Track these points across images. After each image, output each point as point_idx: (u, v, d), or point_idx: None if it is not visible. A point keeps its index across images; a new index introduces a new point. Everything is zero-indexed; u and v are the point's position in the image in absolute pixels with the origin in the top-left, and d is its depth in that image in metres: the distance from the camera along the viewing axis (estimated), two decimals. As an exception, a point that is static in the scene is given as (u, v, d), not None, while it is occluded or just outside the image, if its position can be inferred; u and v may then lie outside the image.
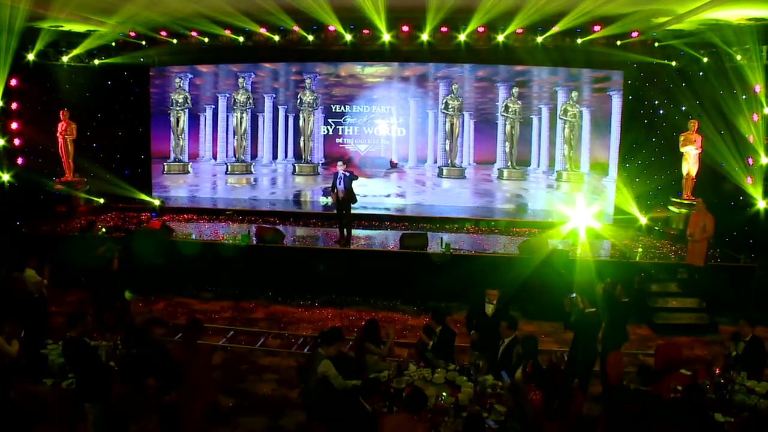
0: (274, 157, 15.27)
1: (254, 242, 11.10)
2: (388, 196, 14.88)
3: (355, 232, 12.06)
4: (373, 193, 14.63)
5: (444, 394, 5.50)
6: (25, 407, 4.84)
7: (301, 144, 15.11)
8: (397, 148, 14.84)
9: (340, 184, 11.14)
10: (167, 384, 5.23)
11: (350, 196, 11.22)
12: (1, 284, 9.08)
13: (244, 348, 8.56)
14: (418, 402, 4.89)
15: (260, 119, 15.24)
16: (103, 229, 11.93)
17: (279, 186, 15.39)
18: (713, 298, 9.95)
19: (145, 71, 15.32)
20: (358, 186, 11.49)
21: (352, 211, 11.78)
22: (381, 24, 12.18)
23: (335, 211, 11.77)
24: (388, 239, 11.79)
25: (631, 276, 9.65)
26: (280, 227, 12.09)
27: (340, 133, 14.96)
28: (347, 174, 11.21)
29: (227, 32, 13.37)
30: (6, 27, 11.46)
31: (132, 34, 13.75)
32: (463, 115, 14.62)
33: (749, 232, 11.19)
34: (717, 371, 6.27)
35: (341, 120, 14.91)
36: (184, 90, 15.36)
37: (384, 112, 14.79)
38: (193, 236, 11.96)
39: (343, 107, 14.88)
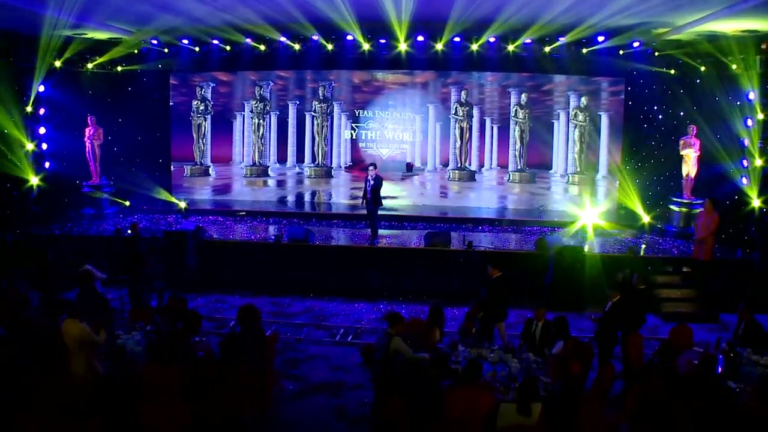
0: (299, 160, 15.90)
1: (285, 241, 11.74)
2: (407, 197, 15.53)
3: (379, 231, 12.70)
4: (390, 195, 15.27)
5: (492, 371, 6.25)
6: (132, 386, 5.40)
7: (315, 148, 15.79)
8: (415, 152, 15.52)
9: (368, 187, 11.87)
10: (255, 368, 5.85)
11: (374, 199, 11.95)
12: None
13: (290, 338, 9.17)
14: (475, 371, 5.59)
15: (289, 124, 15.84)
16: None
17: (294, 188, 16.02)
18: (715, 289, 10.70)
19: (164, 78, 15.81)
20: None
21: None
22: (401, 34, 12.88)
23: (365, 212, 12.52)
24: (410, 238, 12.51)
25: (640, 269, 10.43)
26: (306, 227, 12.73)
27: (363, 137, 15.66)
28: (372, 178, 11.94)
29: (248, 41, 13.93)
30: (47, 39, 12.02)
31: (154, 42, 14.26)
32: (484, 120, 15.32)
33: (744, 229, 12.05)
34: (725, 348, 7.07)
35: (363, 125, 15.58)
36: (206, 98, 15.93)
37: (403, 117, 15.48)
38: (215, 236, 12.52)
39: (364, 112, 15.55)
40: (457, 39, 13.35)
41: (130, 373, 5.56)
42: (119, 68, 15.28)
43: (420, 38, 13.35)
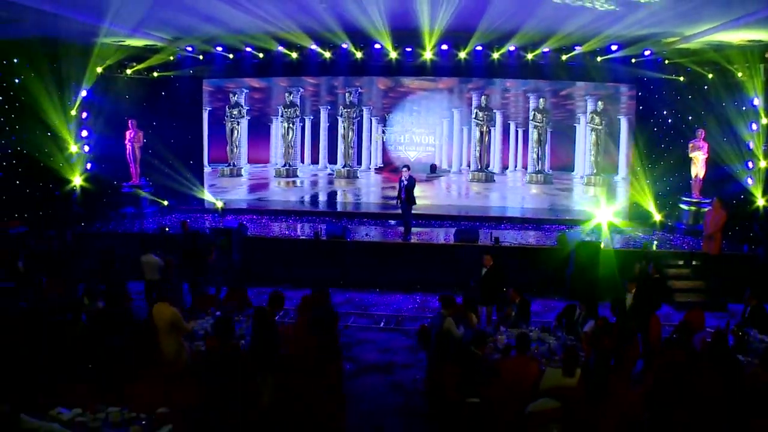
0: (330, 162, 16.77)
1: (324, 237, 12.57)
2: (431, 197, 16.29)
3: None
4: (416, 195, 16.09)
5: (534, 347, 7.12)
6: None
7: (342, 151, 16.64)
8: (442, 155, 16.39)
9: (402, 187, 12.74)
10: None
11: (408, 198, 12.82)
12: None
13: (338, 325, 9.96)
14: (525, 343, 6.46)
15: (321, 128, 16.71)
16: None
17: (325, 188, 16.89)
18: (723, 281, 11.47)
19: (197, 83, 16.60)
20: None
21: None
22: (429, 43, 13.70)
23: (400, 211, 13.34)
24: (438, 235, 13.35)
25: (654, 261, 11.23)
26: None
27: (392, 140, 16.54)
28: (406, 179, 12.79)
29: (280, 48, 14.68)
30: (99, 47, 12.84)
31: (189, 49, 14.98)
32: (508, 123, 16.13)
33: (750, 226, 12.84)
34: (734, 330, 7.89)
35: (392, 128, 16.46)
36: (239, 103, 16.78)
37: (429, 121, 16.35)
38: (253, 234, 13.29)
39: (392, 117, 16.41)
40: (479, 48, 14.16)
41: (235, 348, 6.35)
42: (155, 74, 16.05)
43: (444, 47, 14.14)
